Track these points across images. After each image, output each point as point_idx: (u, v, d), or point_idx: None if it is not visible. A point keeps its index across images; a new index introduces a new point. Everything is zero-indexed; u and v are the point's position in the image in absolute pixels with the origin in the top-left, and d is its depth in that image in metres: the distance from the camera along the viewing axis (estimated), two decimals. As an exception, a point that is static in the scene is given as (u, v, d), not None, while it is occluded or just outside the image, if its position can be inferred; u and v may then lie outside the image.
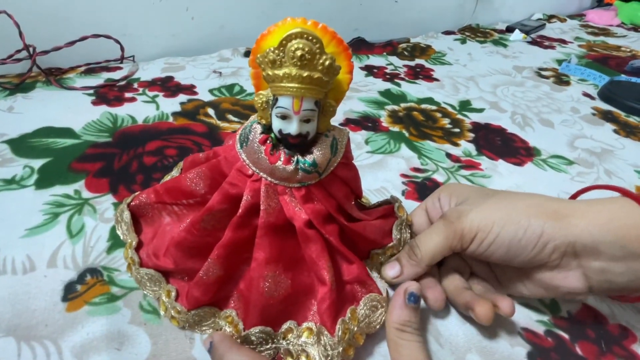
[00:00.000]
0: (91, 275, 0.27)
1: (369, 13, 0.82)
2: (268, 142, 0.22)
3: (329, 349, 0.22)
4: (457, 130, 0.49)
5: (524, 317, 0.27)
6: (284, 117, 0.21)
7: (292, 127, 0.21)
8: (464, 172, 0.41)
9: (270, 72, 0.20)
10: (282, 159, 0.22)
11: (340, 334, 0.22)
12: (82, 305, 0.25)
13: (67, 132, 0.42)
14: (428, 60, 0.71)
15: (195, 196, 0.25)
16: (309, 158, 0.22)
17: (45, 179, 0.35)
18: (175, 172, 0.29)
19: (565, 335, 0.26)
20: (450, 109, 0.54)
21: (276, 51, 0.19)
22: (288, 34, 0.19)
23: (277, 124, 0.21)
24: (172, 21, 0.65)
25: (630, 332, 0.27)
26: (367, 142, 0.45)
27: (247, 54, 0.66)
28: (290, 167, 0.22)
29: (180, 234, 0.24)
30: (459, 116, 0.53)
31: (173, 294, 0.24)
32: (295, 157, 0.22)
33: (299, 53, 0.19)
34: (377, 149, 0.44)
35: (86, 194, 0.34)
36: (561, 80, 0.67)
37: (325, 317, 0.23)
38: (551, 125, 0.52)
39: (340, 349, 0.22)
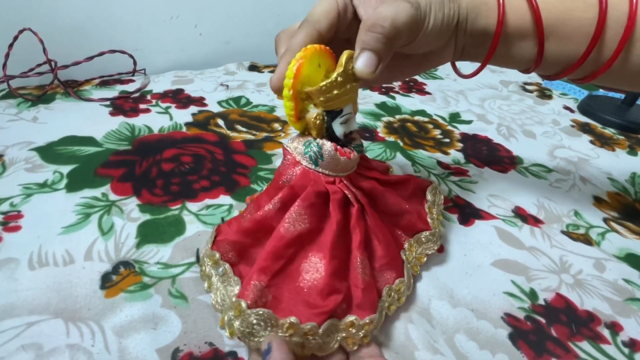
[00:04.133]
0: (124, 267, 0.30)
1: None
2: (338, 147, 0.26)
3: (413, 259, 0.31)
4: (447, 140, 0.54)
5: (507, 304, 0.31)
6: (347, 120, 0.26)
7: (354, 125, 0.27)
8: (453, 178, 0.45)
9: (337, 91, 0.24)
10: (353, 155, 0.27)
11: (406, 259, 0.30)
12: (118, 293, 0.28)
13: (89, 141, 0.45)
14: (421, 75, 0.76)
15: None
16: (357, 143, 0.28)
17: (74, 183, 0.38)
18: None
19: (542, 320, 0.30)
20: (441, 121, 0.59)
21: (342, 74, 0.24)
22: (347, 58, 0.24)
23: (341, 129, 0.26)
24: (181, 37, 0.69)
25: (596, 316, 0.31)
26: (365, 151, 0.49)
27: (251, 68, 0.70)
28: (356, 155, 0.27)
29: (271, 241, 0.25)
30: (449, 127, 0.57)
31: (293, 320, 0.23)
32: (351, 147, 0.27)
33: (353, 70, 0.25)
34: (374, 157, 0.48)
35: (113, 196, 0.37)
36: (544, 94, 0.72)
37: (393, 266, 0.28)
38: (533, 136, 0.57)
39: (409, 265, 0.30)
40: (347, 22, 0.28)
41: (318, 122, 0.25)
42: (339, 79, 0.24)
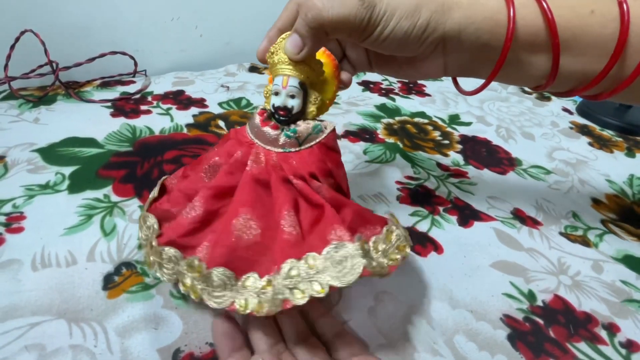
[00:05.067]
0: (126, 268, 0.30)
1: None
2: (265, 114, 0.28)
3: (275, 286, 0.23)
4: (446, 142, 0.54)
5: (506, 305, 0.31)
6: (276, 93, 0.27)
7: (280, 100, 0.27)
8: (452, 179, 0.46)
9: (270, 61, 0.27)
10: (271, 125, 0.27)
11: (286, 271, 0.23)
12: (120, 293, 0.28)
13: (91, 142, 0.45)
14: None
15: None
16: (292, 127, 0.27)
17: (76, 185, 0.38)
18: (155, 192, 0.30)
19: (541, 321, 0.30)
20: (440, 123, 0.59)
21: (275, 45, 0.27)
22: (284, 34, 0.27)
23: (272, 100, 0.27)
24: (181, 38, 0.69)
25: (594, 317, 0.31)
26: (365, 152, 0.49)
27: (252, 69, 0.70)
28: (276, 131, 0.27)
29: (183, 182, 0.29)
30: (449, 129, 0.57)
31: (156, 231, 0.27)
32: (282, 127, 0.27)
33: None
34: (374, 159, 0.48)
35: (114, 198, 0.37)
36: (543, 96, 0.72)
37: (280, 260, 0.23)
38: (532, 138, 0.57)
39: (284, 287, 0.22)
40: None
41: (265, 90, 0.28)
42: (271, 48, 0.27)
